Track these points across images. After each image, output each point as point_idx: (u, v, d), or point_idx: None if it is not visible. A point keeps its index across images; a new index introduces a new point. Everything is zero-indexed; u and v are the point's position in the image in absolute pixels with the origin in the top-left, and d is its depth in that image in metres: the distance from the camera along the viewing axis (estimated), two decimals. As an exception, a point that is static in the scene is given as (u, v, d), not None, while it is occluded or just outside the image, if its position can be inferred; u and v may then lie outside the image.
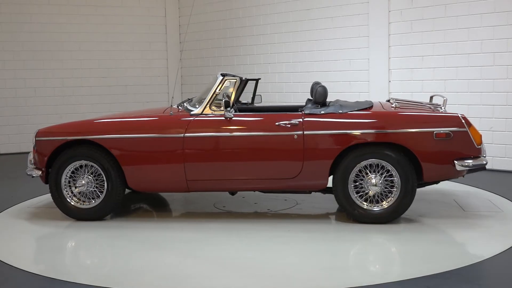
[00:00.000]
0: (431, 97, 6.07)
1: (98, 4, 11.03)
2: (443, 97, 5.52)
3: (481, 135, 5.22)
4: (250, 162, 5.35)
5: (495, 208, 5.69)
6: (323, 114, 5.32)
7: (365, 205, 5.21)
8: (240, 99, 6.60)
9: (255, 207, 5.96)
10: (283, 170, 5.32)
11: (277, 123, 5.29)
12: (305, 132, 5.25)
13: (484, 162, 5.16)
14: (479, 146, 5.16)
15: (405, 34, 8.33)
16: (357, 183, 5.22)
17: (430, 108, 5.48)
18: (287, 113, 5.42)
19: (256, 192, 5.83)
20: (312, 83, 5.97)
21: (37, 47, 10.63)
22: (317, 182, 5.32)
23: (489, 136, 7.64)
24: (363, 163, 5.19)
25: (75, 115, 10.91)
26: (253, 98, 6.75)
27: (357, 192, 5.23)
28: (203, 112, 5.45)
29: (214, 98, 5.48)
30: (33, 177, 5.64)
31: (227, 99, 5.34)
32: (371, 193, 5.17)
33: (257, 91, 6.75)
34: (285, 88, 9.16)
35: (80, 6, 10.90)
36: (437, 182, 5.43)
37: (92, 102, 11.04)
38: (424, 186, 5.46)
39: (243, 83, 6.44)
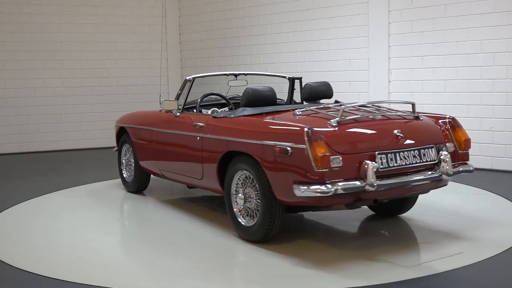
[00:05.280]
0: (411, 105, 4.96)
1: (98, 4, 11.04)
2: (412, 102, 4.88)
3: (321, 157, 4.01)
4: (176, 158, 5.76)
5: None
6: (221, 117, 5.14)
7: (239, 220, 4.77)
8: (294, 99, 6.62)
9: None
10: (194, 170, 5.40)
11: (193, 124, 5.41)
12: (203, 135, 5.19)
13: (332, 191, 3.97)
14: (322, 170, 4.02)
15: (405, 34, 8.33)
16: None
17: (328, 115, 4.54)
18: (206, 114, 5.50)
19: None
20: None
21: (37, 47, 10.63)
22: (215, 187, 5.15)
23: (489, 136, 7.64)
24: (239, 173, 4.74)
25: (75, 115, 10.94)
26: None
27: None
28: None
29: (177, 97, 5.90)
30: (114, 151, 7.14)
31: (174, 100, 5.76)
32: (237, 206, 4.77)
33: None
34: (285, 88, 9.11)
35: (80, 6, 10.90)
36: (314, 209, 4.64)
37: (92, 102, 11.05)
38: (298, 211, 4.74)
39: (290, 82, 6.48)
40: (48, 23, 10.68)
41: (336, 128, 4.30)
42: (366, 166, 4.11)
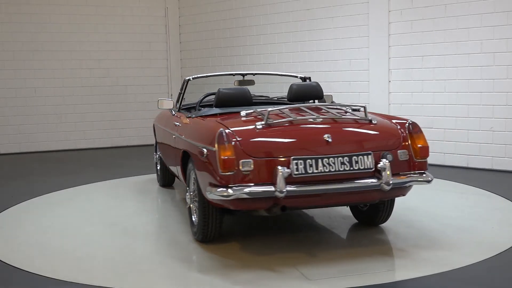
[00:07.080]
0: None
1: (98, 4, 11.03)
2: (363, 105, 4.59)
3: (223, 160, 3.95)
4: (167, 156, 5.99)
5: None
6: (188, 117, 5.21)
7: (192, 218, 4.78)
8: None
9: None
10: (174, 167, 5.59)
11: (174, 123, 5.54)
12: (177, 134, 5.33)
13: (234, 195, 3.90)
14: (226, 173, 3.96)
15: (405, 34, 8.33)
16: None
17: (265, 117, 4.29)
18: (186, 113, 5.56)
19: None
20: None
21: (37, 47, 10.63)
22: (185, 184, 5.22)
23: (489, 136, 7.64)
24: (193, 172, 4.65)
25: (75, 115, 10.93)
26: None
27: None
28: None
29: (178, 97, 6.08)
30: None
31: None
32: (187, 204, 4.87)
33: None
34: (285, 88, 9.14)
35: (80, 6, 10.90)
36: (243, 212, 4.48)
37: (92, 102, 11.04)
38: (231, 213, 4.49)
39: (302, 81, 6.41)
40: (48, 23, 10.67)
41: (258, 131, 4.17)
42: (276, 171, 3.95)
